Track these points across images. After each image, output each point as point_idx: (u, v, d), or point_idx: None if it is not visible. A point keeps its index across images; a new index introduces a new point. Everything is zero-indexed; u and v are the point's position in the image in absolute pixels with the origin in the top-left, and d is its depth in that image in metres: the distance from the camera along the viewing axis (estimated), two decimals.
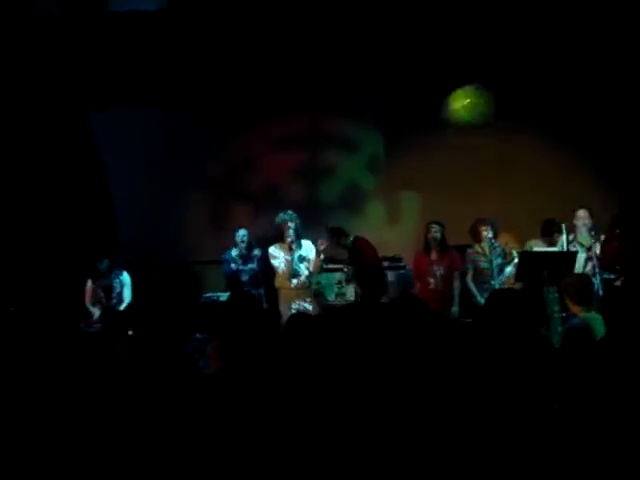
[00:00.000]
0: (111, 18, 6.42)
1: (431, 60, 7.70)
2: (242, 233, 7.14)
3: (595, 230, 6.00)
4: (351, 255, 6.86)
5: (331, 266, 7.32)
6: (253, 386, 2.84)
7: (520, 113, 8.02)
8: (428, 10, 7.10)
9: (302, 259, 6.51)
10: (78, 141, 8.18)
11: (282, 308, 6.56)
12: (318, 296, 6.83)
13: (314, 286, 6.78)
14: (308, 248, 6.63)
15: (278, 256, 6.58)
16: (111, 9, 6.28)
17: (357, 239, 6.92)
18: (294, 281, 6.54)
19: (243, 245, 7.07)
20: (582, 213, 6.18)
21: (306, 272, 6.54)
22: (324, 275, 7.24)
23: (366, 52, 7.64)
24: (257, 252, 7.01)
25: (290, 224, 6.46)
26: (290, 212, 6.59)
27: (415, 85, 8.02)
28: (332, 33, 7.43)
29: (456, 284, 6.47)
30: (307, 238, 6.77)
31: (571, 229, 6.13)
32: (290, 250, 6.53)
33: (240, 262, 7.08)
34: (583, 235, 6.06)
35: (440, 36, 7.36)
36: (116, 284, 7.25)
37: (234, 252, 7.12)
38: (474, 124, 7.30)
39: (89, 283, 7.26)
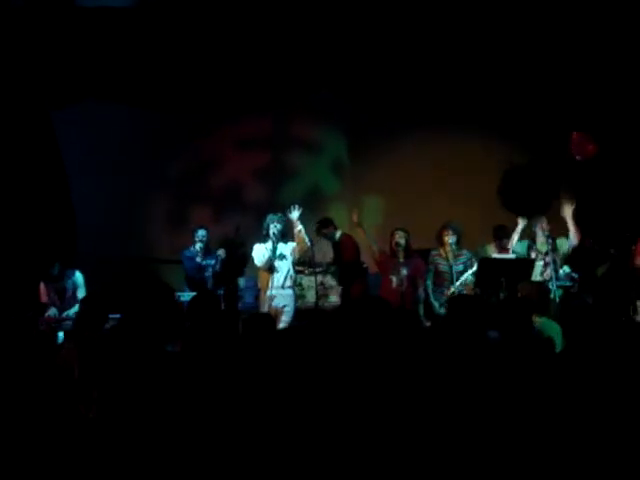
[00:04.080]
0: (78, 13, 6.35)
1: (395, 63, 7.82)
2: (201, 233, 7.13)
3: (552, 237, 6.12)
4: (335, 250, 7.26)
5: (311, 269, 7.33)
6: (209, 389, 2.84)
7: (488, 119, 8.18)
8: (390, 14, 7.22)
9: (282, 257, 6.46)
10: (38, 138, 8.02)
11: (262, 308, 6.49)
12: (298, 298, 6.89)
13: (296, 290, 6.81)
14: (290, 247, 6.56)
15: (259, 249, 6.51)
16: (78, 4, 6.21)
17: (344, 235, 7.29)
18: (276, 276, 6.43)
19: (201, 245, 7.07)
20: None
21: (284, 269, 6.48)
22: (305, 277, 7.35)
23: (331, 54, 7.72)
24: (221, 252, 7.00)
25: (277, 225, 6.44)
26: (280, 214, 6.56)
27: (380, 88, 8.12)
28: (295, 34, 7.49)
29: (420, 290, 6.58)
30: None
31: (531, 236, 6.27)
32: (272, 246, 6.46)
33: (201, 257, 7.08)
34: (540, 241, 6.19)
35: (403, 41, 7.50)
36: (69, 286, 7.05)
37: (197, 246, 7.10)
38: None
39: (42, 285, 7.05)
